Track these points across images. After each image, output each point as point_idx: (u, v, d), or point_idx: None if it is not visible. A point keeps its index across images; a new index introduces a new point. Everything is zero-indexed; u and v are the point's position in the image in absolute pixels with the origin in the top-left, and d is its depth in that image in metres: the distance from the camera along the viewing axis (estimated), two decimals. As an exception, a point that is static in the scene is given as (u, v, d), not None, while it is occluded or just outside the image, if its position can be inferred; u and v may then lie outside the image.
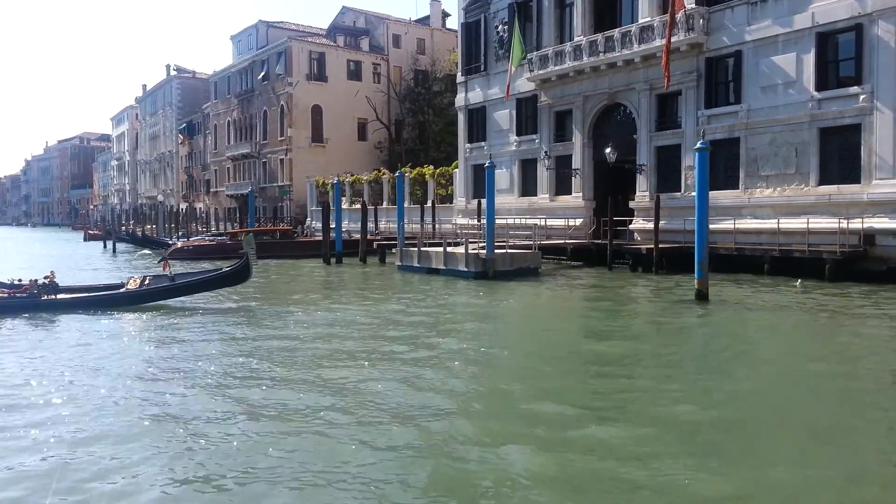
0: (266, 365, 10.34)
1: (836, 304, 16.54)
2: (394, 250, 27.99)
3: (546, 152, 31.59)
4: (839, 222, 20.99)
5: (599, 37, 28.92)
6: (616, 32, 28.31)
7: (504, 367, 10.45)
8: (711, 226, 24.07)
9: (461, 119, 38.24)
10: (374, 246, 33.11)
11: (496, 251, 22.95)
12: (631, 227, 28.18)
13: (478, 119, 37.18)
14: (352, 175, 51.00)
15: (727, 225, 24.07)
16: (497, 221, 30.74)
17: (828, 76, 22.29)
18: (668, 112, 27.75)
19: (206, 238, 42.68)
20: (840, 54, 21.97)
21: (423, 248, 25.12)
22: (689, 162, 26.33)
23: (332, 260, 30.51)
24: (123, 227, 63.93)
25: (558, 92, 31.79)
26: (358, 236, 35.94)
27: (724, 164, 25.38)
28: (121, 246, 46.05)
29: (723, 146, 25.31)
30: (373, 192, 48.15)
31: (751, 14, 24.23)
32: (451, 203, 39.46)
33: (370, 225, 39.39)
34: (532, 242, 25.85)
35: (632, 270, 24.81)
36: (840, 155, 22.11)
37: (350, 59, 58.03)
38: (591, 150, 30.85)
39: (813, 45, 22.43)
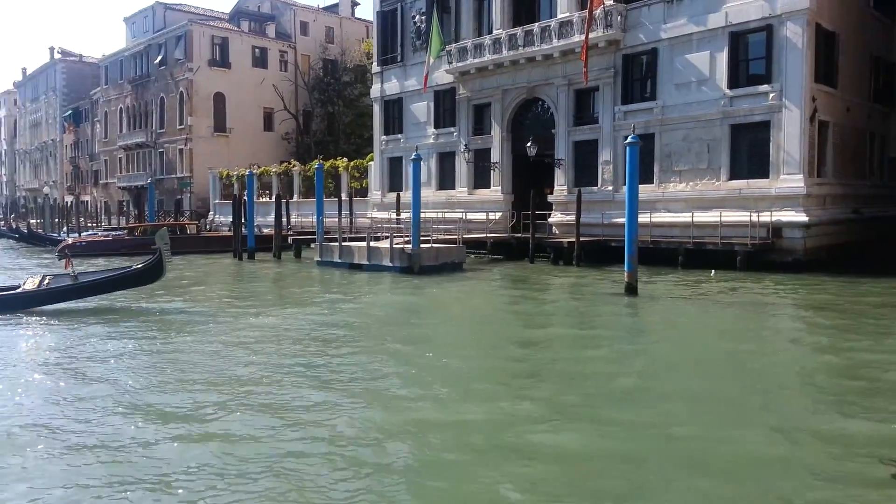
0: (179, 377, 9.30)
1: (750, 293, 17.19)
2: (312, 245, 26.90)
3: (466, 145, 31.37)
4: (750, 215, 21.89)
5: (519, 31, 28.92)
6: (535, 27, 28.39)
7: (446, 371, 9.94)
8: (622, 220, 24.74)
9: (377, 111, 37.42)
10: (289, 241, 31.87)
11: (421, 246, 22.42)
12: (550, 220, 28.40)
13: (394, 111, 36.50)
14: (258, 167, 48.99)
15: (643, 218, 24.47)
16: (407, 216, 30.42)
17: (739, 75, 23.20)
18: (585, 107, 28.13)
19: (100, 233, 39.75)
20: (751, 53, 22.90)
21: (344, 244, 24.22)
22: (606, 157, 26.87)
23: (244, 256, 29.00)
24: (2, 222, 58.76)
25: (477, 85, 31.60)
26: (268, 231, 34.55)
27: (639, 160, 25.88)
28: (1, 242, 42.14)
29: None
30: (282, 185, 46.47)
31: (667, 12, 24.86)
32: (366, 196, 38.61)
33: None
34: (454, 236, 25.53)
35: (553, 264, 24.98)
36: (750, 151, 23.07)
37: (255, 45, 55.71)
38: (510, 143, 30.89)
39: (726, 44, 23.27)
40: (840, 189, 24.27)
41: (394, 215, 33.27)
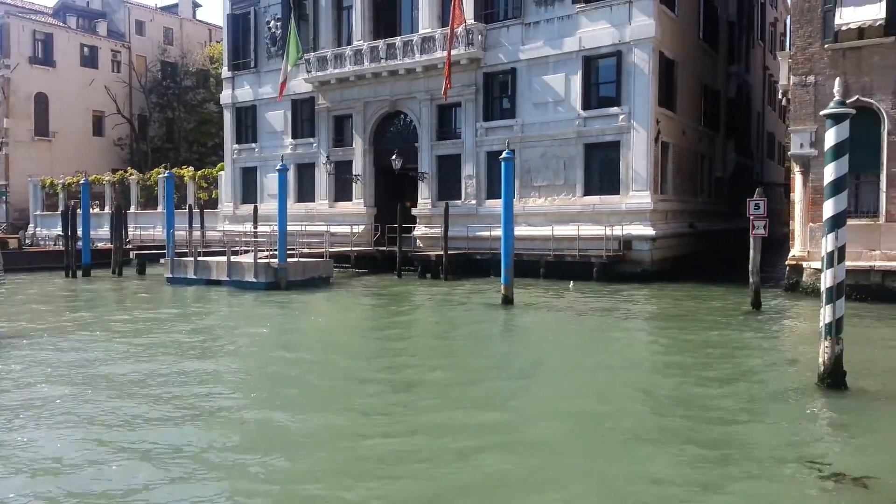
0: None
1: (613, 302, 18.21)
2: (162, 261, 24.84)
3: (328, 157, 30.60)
4: (605, 229, 23.25)
5: (381, 43, 28.78)
6: (398, 41, 28.41)
7: (330, 394, 9.49)
8: (488, 233, 25.46)
9: (228, 118, 35.57)
10: (131, 256, 29.33)
11: (288, 260, 21.47)
12: (414, 233, 28.42)
13: (247, 118, 34.90)
14: (86, 175, 44.63)
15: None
16: (270, 229, 29.17)
17: (592, 96, 24.63)
18: (448, 122, 28.53)
19: None
20: (603, 77, 24.40)
21: (200, 258, 22.61)
22: (469, 171, 27.39)
23: (79, 273, 26.17)
24: None
25: (338, 95, 31.02)
26: (102, 245, 31.58)
27: (501, 175, 26.70)
28: None
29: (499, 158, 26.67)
30: (116, 195, 42.73)
31: (524, 34, 25.88)
32: (216, 208, 36.50)
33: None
34: (316, 250, 24.76)
35: (420, 277, 24.99)
36: (602, 168, 24.53)
37: (84, 43, 51.06)
38: (373, 156, 30.60)
39: (580, 68, 24.62)
40: (679, 205, 26.49)
41: (248, 228, 31.71)
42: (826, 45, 18.79)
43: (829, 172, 8.43)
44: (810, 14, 19.04)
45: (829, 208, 8.43)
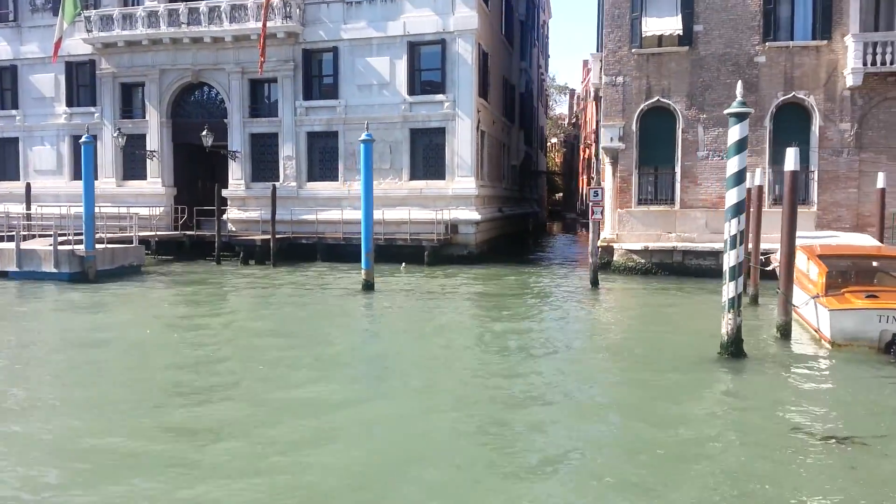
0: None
1: (455, 283, 18.87)
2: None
3: (119, 129, 27.07)
4: (436, 214, 23.84)
5: (182, 6, 26.16)
6: (202, 5, 26.04)
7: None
8: (313, 216, 24.80)
9: (-25, 78, 29.79)
10: None
11: (97, 247, 18.78)
12: (226, 216, 26.49)
13: (4, 80, 29.57)
14: None
15: (331, 215, 24.85)
16: (41, 210, 25.25)
17: (418, 82, 24.95)
18: (262, 98, 26.95)
19: None
20: (428, 64, 24.80)
21: (-23, 245, 18.84)
22: (288, 152, 26.24)
23: None
24: None
25: (126, 60, 27.60)
26: None
27: (324, 157, 26.09)
28: None
29: (322, 139, 26.01)
30: None
31: (346, 13, 25.32)
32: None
33: None
34: (126, 235, 21.98)
35: (243, 263, 23.44)
36: (428, 154, 25.05)
37: None
38: (171, 130, 27.81)
39: (405, 53, 24.77)
40: (492, 191, 28.05)
41: (10, 209, 27.05)
42: (633, 50, 21.17)
43: (732, 165, 9.53)
44: (620, 20, 21.28)
45: (731, 197, 9.53)
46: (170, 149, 27.89)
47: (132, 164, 28.19)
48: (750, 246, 14.67)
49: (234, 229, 26.42)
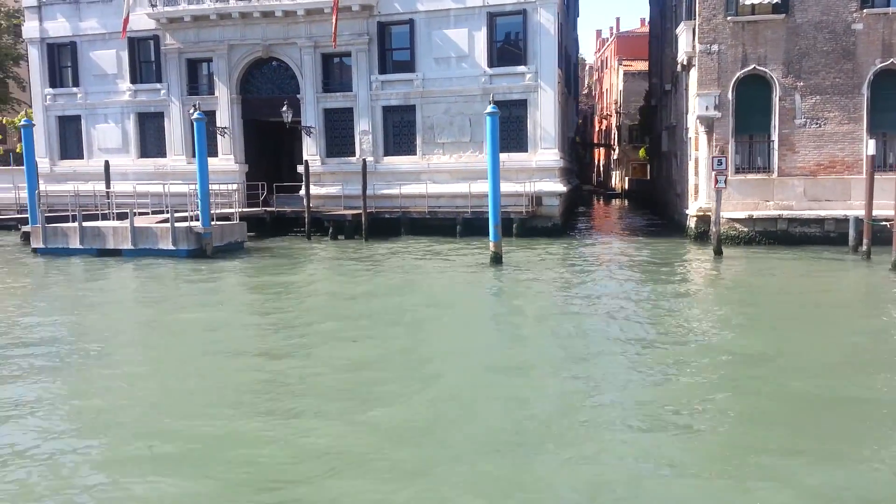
0: None
1: (571, 255, 19.02)
2: (25, 228, 20.10)
3: (195, 105, 26.71)
4: (519, 185, 23.85)
5: (253, -20, 25.81)
6: (274, -22, 25.71)
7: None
8: (397, 191, 24.80)
9: (35, 56, 29.40)
10: None
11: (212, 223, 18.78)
12: (301, 192, 26.39)
13: (63, 58, 29.19)
14: None
15: (414, 189, 24.86)
16: (113, 188, 25.14)
17: (498, 54, 24.79)
18: (335, 73, 26.72)
19: None
20: (509, 35, 24.64)
21: (91, 223, 18.77)
22: (364, 126, 26.12)
23: None
24: None
25: (192, 35, 27.24)
26: None
27: (400, 131, 26.00)
28: None
29: (398, 113, 25.89)
30: None
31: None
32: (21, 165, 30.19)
33: None
34: (234, 212, 21.83)
35: (332, 239, 23.45)
36: (509, 126, 24.95)
37: None
38: (240, 106, 27.58)
39: (484, 24, 24.57)
40: (566, 163, 28.06)
41: (75, 187, 26.93)
42: (728, 18, 21.10)
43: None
44: (715, -12, 21.17)
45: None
46: (240, 125, 27.68)
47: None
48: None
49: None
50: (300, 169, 26.46)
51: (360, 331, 10.23)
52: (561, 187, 24.43)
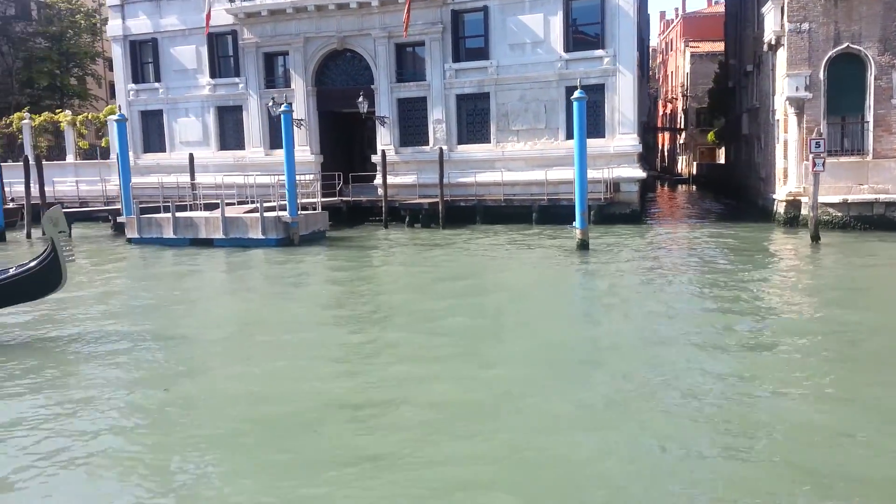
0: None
1: (669, 241, 18.69)
2: (121, 219, 21.01)
3: (273, 98, 27.39)
4: (597, 172, 23.50)
5: (328, -28, 26.13)
6: (349, -30, 25.96)
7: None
8: (471, 179, 24.80)
9: (118, 53, 30.49)
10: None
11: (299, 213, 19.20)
12: (376, 182, 26.72)
13: (145, 54, 30.21)
14: None
15: (489, 177, 24.84)
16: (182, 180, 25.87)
17: (575, 38, 24.46)
18: (408, 63, 26.85)
19: None
20: (585, 19, 24.28)
21: (183, 213, 19.47)
22: (438, 115, 26.18)
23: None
24: None
25: (269, 30, 27.80)
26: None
27: (474, 119, 25.97)
28: None
29: (472, 101, 25.87)
30: None
31: (494, -29, 24.88)
32: (108, 158, 31.56)
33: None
34: (274, 203, 22.17)
35: (409, 227, 23.66)
36: (587, 112, 24.49)
37: None
38: (316, 98, 28.02)
39: (560, 8, 24.27)
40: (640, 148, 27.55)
41: (157, 179, 27.92)
42: (820, -5, 20.25)
43: None
44: (805, -36, 20.34)
45: None
46: (315, 117, 28.15)
47: (278, 133, 28.52)
48: None
49: (382, 194, 26.60)
50: (374, 159, 26.78)
51: (474, 316, 10.28)
52: (640, 173, 24.02)
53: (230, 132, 29.38)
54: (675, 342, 8.56)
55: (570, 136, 24.50)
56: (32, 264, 9.24)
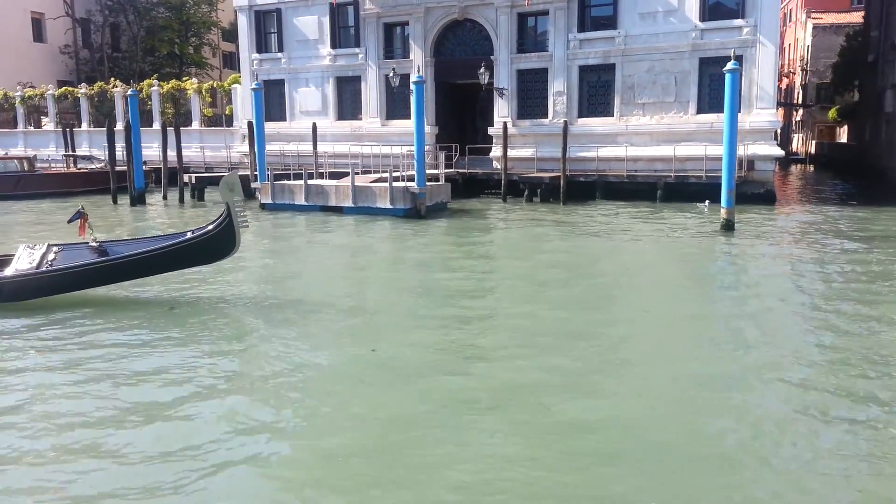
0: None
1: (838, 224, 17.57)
2: (255, 185, 21.75)
3: (394, 69, 27.53)
4: (744, 147, 22.27)
5: (453, -59, 25.76)
6: (472, -63, 25.51)
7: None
8: (593, 153, 24.08)
9: (244, 23, 31.29)
10: (185, 180, 25.44)
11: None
12: (492, 154, 26.45)
13: (269, 24, 30.87)
14: (28, 86, 38.60)
15: (610, 152, 24.08)
16: (310, 147, 26.19)
17: (711, 7, 23.18)
18: (528, 32, 26.26)
19: None
20: (725, -14, 22.96)
21: (314, 181, 19.89)
22: (559, 87, 25.51)
23: (129, 200, 22.51)
24: None
25: (390, 0, 27.76)
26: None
27: (597, 92, 25.18)
28: None
29: (595, 72, 25.06)
30: (61, 111, 37.39)
31: (629, -65, 23.82)
32: (231, 126, 32.71)
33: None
34: (403, 173, 22.28)
35: (527, 202, 23.29)
36: (719, 85, 23.34)
37: (16, -72, 43.19)
38: (434, 69, 27.89)
39: (697, -25, 23.02)
40: (779, 125, 26.01)
41: (281, 148, 28.69)
42: None
43: None
44: None
45: None
46: (432, 87, 28.04)
47: (395, 103, 28.72)
48: None
49: (498, 167, 26.31)
50: (491, 131, 26.48)
51: (631, 296, 9.95)
52: (778, 150, 22.69)
53: (347, 102, 29.74)
54: None
55: (701, 110, 23.55)
56: (209, 228, 9.46)
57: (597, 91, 25.14)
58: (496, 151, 26.50)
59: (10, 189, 24.73)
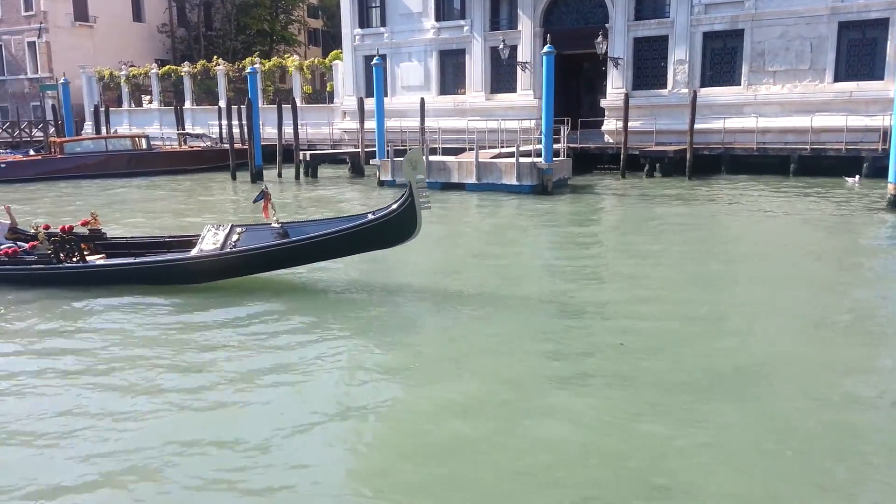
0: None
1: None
2: (374, 161, 21.71)
3: (503, 41, 26.84)
4: (874, 119, 20.79)
5: None
6: None
7: None
8: (720, 125, 22.84)
9: (346, -3, 31.13)
10: (300, 157, 25.47)
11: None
12: (604, 128, 25.52)
13: (371, -2, 30.61)
14: (129, 65, 39.59)
15: (737, 124, 22.82)
16: (411, 123, 25.74)
17: (855, -33, 21.51)
18: (648, -1, 25.07)
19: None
20: (873, -58, 21.20)
21: (436, 157, 19.59)
22: (681, 55, 24.29)
23: (247, 177, 22.82)
24: None
25: (498, -31, 27.01)
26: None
27: (721, 59, 23.86)
28: None
29: (721, 39, 23.73)
30: (163, 89, 38.20)
31: None
32: (332, 103, 32.75)
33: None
34: (532, 148, 21.69)
35: (648, 176, 22.35)
36: (858, 51, 21.77)
37: None
38: (542, 39, 26.97)
39: (839, -69, 21.33)
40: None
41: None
42: None
43: None
44: None
45: None
46: (540, 59, 27.13)
47: (501, 77, 28.05)
48: None
49: (611, 141, 25.39)
50: (604, 103, 25.54)
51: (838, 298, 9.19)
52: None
53: (450, 76, 29.26)
54: None
55: (838, 78, 22.02)
56: (393, 208, 8.96)
57: (722, 59, 23.81)
58: (609, 125, 25.56)
59: (122, 167, 25.49)
